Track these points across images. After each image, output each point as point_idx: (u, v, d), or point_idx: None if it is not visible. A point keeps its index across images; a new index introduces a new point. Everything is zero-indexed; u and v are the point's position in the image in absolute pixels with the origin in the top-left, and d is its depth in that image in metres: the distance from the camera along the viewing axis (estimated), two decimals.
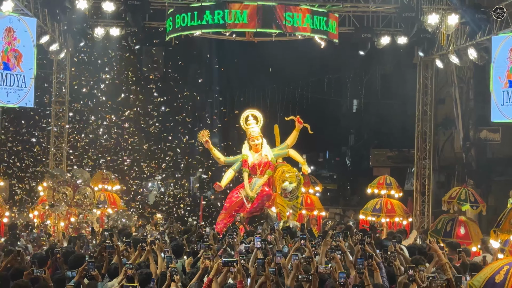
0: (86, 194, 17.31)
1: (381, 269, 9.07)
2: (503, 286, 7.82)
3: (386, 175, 19.52)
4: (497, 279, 7.94)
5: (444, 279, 5.90)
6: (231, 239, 11.89)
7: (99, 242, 12.83)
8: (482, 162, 25.19)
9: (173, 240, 12.79)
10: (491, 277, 8.07)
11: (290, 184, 16.54)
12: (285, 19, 16.59)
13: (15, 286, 8.04)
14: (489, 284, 7.99)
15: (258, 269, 7.44)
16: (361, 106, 32.09)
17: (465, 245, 13.99)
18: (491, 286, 7.95)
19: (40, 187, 19.44)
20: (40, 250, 12.56)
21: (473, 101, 24.96)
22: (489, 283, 8.00)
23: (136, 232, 15.74)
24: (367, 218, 18.72)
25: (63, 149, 20.85)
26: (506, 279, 7.86)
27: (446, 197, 16.94)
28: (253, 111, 17.83)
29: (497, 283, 7.90)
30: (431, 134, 21.50)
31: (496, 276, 8.00)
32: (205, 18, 16.68)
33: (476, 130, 24.98)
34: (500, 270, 8.05)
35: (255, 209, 16.75)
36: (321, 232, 15.39)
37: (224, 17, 16.57)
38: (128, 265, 8.39)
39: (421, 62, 21.26)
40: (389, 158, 32.37)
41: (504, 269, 7.99)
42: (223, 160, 17.89)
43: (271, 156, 17.35)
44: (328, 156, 41.03)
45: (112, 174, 21.64)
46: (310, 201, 20.47)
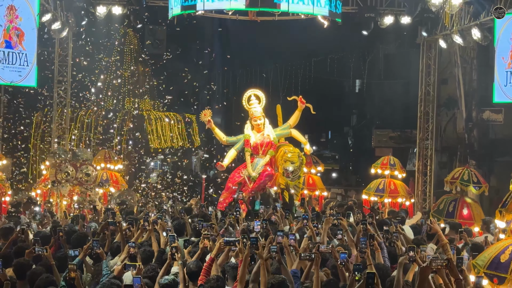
0: (88, 173, 17.35)
1: (382, 249, 9.10)
2: (508, 266, 7.85)
3: (390, 156, 19.47)
4: (502, 259, 7.97)
5: (444, 259, 5.89)
6: (235, 217, 11.94)
7: (101, 221, 12.90)
8: (485, 142, 25.18)
9: (175, 219, 12.84)
10: (496, 256, 8.09)
11: (292, 164, 16.55)
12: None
13: (17, 264, 8.08)
14: (494, 264, 8.01)
15: (251, 247, 7.44)
16: (363, 86, 32.04)
17: (467, 225, 13.99)
18: (496, 266, 7.97)
19: (43, 166, 19.47)
20: (44, 228, 12.60)
21: (476, 82, 24.90)
22: (493, 263, 8.03)
23: (138, 211, 15.80)
24: (370, 198, 18.74)
25: (65, 128, 20.85)
26: (511, 259, 7.89)
27: (448, 177, 16.92)
28: (256, 91, 17.78)
29: (502, 262, 7.93)
30: (434, 114, 21.45)
31: (501, 256, 8.02)
32: None
33: (479, 110, 24.94)
34: (505, 250, 8.07)
35: (257, 189, 16.77)
36: (323, 213, 15.43)
37: None
38: (131, 243, 8.41)
39: (424, 42, 21.16)
40: (391, 138, 32.35)
41: (510, 249, 8.02)
42: (225, 139, 17.86)
43: (273, 136, 17.34)
44: (330, 136, 41.05)
45: (114, 153, 21.66)
46: (312, 181, 20.48)
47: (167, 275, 7.72)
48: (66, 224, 12.75)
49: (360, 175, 33.26)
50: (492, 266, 8.01)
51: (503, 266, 7.90)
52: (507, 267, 7.84)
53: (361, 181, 29.82)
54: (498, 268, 7.91)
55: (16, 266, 7.96)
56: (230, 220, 11.91)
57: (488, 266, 8.05)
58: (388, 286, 7.33)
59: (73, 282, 7.12)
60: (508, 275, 7.78)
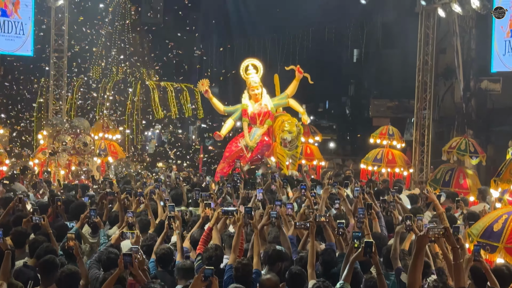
0: (86, 143, 17.33)
1: (379, 218, 9.14)
2: (500, 235, 7.89)
3: (389, 125, 19.49)
4: (495, 228, 8.01)
5: (441, 228, 5.92)
6: (233, 187, 11.98)
7: (99, 190, 12.93)
8: (482, 112, 25.17)
9: (172, 189, 12.86)
10: (489, 225, 8.14)
11: (289, 134, 16.54)
12: None
13: (14, 233, 8.11)
14: (487, 233, 8.06)
15: (245, 217, 7.45)
16: (361, 56, 31.88)
17: (463, 194, 14.06)
18: (489, 235, 8.02)
19: (40, 135, 19.45)
20: (42, 197, 12.63)
21: (475, 51, 24.79)
22: (487, 232, 8.08)
23: (135, 181, 15.83)
24: (368, 168, 18.79)
25: (63, 98, 20.77)
26: (504, 228, 7.92)
27: (446, 147, 16.94)
28: (253, 60, 17.70)
29: (495, 232, 7.97)
30: (432, 84, 21.38)
31: (494, 225, 8.06)
32: None
33: (477, 80, 24.88)
34: (499, 219, 8.11)
35: (255, 159, 16.80)
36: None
37: None
38: (129, 213, 8.44)
39: (423, 11, 21.00)
40: (389, 108, 32.33)
41: (503, 218, 8.05)
42: (223, 109, 17.83)
43: (271, 105, 17.31)
44: (328, 106, 40.98)
45: (112, 123, 21.63)
46: (309, 151, 20.53)
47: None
48: (59, 192, 12.80)
49: (358, 145, 33.31)
50: (485, 235, 8.06)
51: (495, 235, 7.94)
52: (499, 236, 7.87)
53: (359, 150, 29.86)
54: (491, 237, 7.96)
55: (14, 234, 7.99)
56: (227, 189, 11.95)
57: (482, 235, 8.09)
58: (384, 255, 7.38)
59: (71, 251, 7.16)
60: (500, 244, 7.82)
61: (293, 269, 6.39)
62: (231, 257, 7.19)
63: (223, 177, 15.73)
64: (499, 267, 6.86)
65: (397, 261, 7.06)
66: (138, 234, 7.65)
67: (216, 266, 7.27)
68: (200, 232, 8.03)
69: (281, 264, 7.12)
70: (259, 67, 17.45)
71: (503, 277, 6.74)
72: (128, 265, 6.33)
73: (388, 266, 7.28)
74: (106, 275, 6.50)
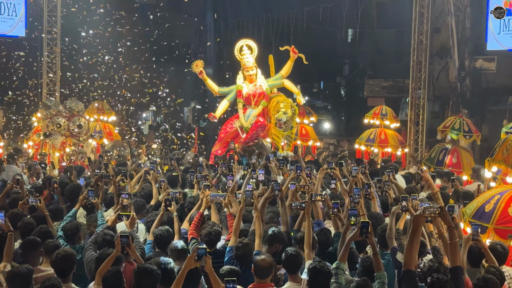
0: (80, 125, 17.29)
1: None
2: (491, 215, 7.91)
3: (383, 105, 19.48)
4: (487, 208, 8.03)
5: (437, 207, 5.94)
6: (225, 167, 11.99)
7: (93, 170, 12.93)
8: (477, 91, 25.20)
9: (168, 170, 12.86)
10: (481, 206, 8.16)
11: (284, 114, 16.52)
12: None
13: (11, 214, 8.11)
14: (479, 213, 8.09)
15: (246, 201, 7.46)
16: (356, 35, 31.76)
17: (456, 174, 14.09)
18: (480, 215, 8.05)
19: (34, 117, 19.38)
20: (36, 180, 12.61)
21: (469, 30, 24.77)
22: (478, 212, 8.10)
23: (131, 161, 15.82)
24: (361, 148, 18.82)
25: (57, 80, 20.66)
26: (495, 209, 7.94)
27: (440, 126, 16.96)
28: (248, 41, 17.62)
29: (486, 212, 8.00)
30: (426, 63, 21.38)
31: (486, 205, 8.09)
32: None
33: (472, 59, 24.88)
34: (491, 199, 8.13)
35: (250, 139, 16.78)
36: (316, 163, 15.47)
37: None
38: (124, 194, 8.44)
39: None
40: (384, 88, 32.31)
41: (495, 199, 8.07)
42: (218, 90, 17.77)
43: (266, 86, 17.27)
44: (323, 87, 40.93)
45: (107, 104, 21.55)
46: (304, 132, 20.54)
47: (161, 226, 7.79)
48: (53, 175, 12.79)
49: (353, 125, 33.31)
50: (476, 215, 8.08)
51: (486, 215, 7.96)
52: (490, 217, 7.89)
53: (354, 130, 29.88)
54: (482, 217, 7.98)
55: (11, 216, 7.99)
56: (222, 169, 11.96)
57: (474, 215, 8.11)
58: (379, 234, 7.41)
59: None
60: (490, 224, 7.84)
61: (289, 251, 6.43)
62: (232, 239, 7.22)
63: (218, 157, 15.74)
64: (494, 246, 6.93)
65: (392, 241, 7.10)
66: (134, 216, 7.67)
67: (214, 243, 7.32)
68: None
69: (279, 246, 7.17)
70: (253, 48, 17.38)
71: (499, 255, 6.81)
72: (125, 246, 6.35)
73: (383, 245, 7.32)
74: (100, 254, 6.51)
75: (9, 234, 6.96)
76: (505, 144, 8.49)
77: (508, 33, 15.96)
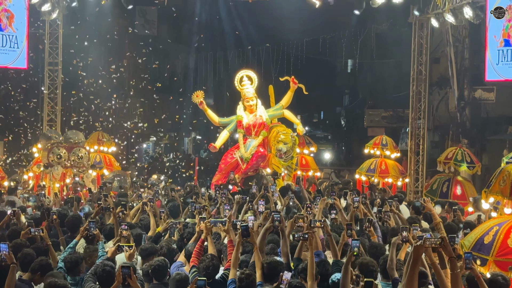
0: (81, 156, 17.30)
1: (376, 229, 9.15)
2: (490, 247, 7.82)
3: (383, 135, 19.49)
4: (486, 240, 7.95)
5: (438, 237, 5.91)
6: (225, 198, 11.95)
7: (93, 201, 12.91)
8: (476, 121, 25.25)
9: (169, 201, 12.84)
10: (480, 237, 8.07)
11: (284, 144, 16.55)
12: None
13: (14, 245, 8.08)
14: (478, 245, 7.99)
15: (242, 233, 7.38)
16: (356, 66, 31.96)
17: (461, 205, 13.99)
18: (479, 247, 7.95)
19: (35, 148, 19.40)
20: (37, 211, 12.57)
21: (468, 60, 24.90)
22: (477, 244, 8.01)
23: (132, 192, 15.79)
24: (361, 178, 18.80)
25: (57, 111, 20.72)
26: (494, 240, 7.85)
27: (442, 157, 16.90)
28: (248, 71, 17.71)
29: (486, 244, 7.91)
30: (426, 93, 21.45)
31: (485, 237, 8.00)
32: None
33: (471, 89, 24.97)
34: (490, 231, 8.04)
35: (250, 170, 16.78)
36: (317, 192, 15.45)
37: None
38: (124, 226, 8.42)
39: (416, 21, 21.08)
40: (384, 118, 32.37)
41: (493, 230, 7.99)
42: (218, 121, 17.82)
43: (266, 116, 17.31)
44: (323, 117, 41.03)
45: (107, 135, 21.58)
46: (305, 162, 20.52)
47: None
48: (60, 204, 12.76)
49: (353, 155, 33.31)
50: (476, 247, 7.97)
51: (486, 247, 7.86)
52: (489, 249, 7.78)
53: (354, 160, 29.87)
54: (481, 249, 7.88)
55: (14, 247, 7.96)
56: (222, 200, 11.93)
57: (473, 247, 8.00)
58: (381, 264, 7.37)
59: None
60: (490, 257, 7.75)
61: (293, 283, 6.38)
62: (232, 272, 7.15)
63: (218, 187, 15.69)
64: (495, 277, 6.86)
65: (393, 272, 7.05)
66: (134, 247, 7.64)
67: (213, 276, 7.27)
68: (195, 245, 8.01)
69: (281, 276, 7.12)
70: (253, 78, 17.46)
71: (500, 286, 6.75)
72: (127, 277, 6.32)
73: (385, 276, 7.27)
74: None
75: (11, 266, 6.93)
76: (502, 175, 8.40)
77: (507, 63, 16.00)
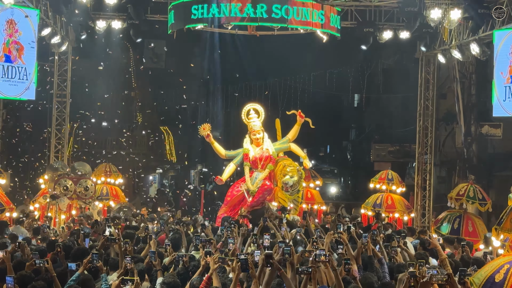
0: (87, 187, 17.31)
1: (382, 265, 9.08)
2: (502, 286, 7.73)
3: (388, 170, 19.47)
4: (497, 278, 7.85)
5: (444, 274, 5.88)
6: (230, 232, 11.90)
7: (99, 233, 12.87)
8: (483, 157, 25.22)
9: (174, 233, 12.79)
10: (490, 276, 7.98)
11: (291, 178, 16.53)
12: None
13: (19, 277, 8.05)
14: (488, 283, 7.89)
15: (241, 267, 7.32)
16: (362, 100, 32.11)
17: (473, 242, 13.80)
18: (490, 285, 7.85)
19: (41, 179, 19.44)
20: (43, 243, 12.54)
21: (475, 96, 24.98)
22: (488, 282, 7.91)
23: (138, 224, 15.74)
24: (368, 213, 18.73)
25: (64, 142, 20.79)
26: (505, 279, 7.76)
27: (453, 194, 16.68)
28: (255, 105, 17.78)
29: (497, 282, 7.81)
30: (433, 129, 21.47)
31: (496, 275, 7.91)
32: (210, 11, 16.56)
33: (478, 125, 25.00)
34: (500, 269, 7.95)
35: (256, 203, 16.74)
36: (320, 226, 15.36)
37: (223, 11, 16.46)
38: (127, 259, 8.38)
39: (423, 57, 21.21)
40: (390, 153, 32.36)
41: (504, 268, 7.90)
42: (224, 153, 17.85)
43: (272, 150, 17.33)
44: (329, 151, 41.04)
45: (114, 167, 21.60)
46: (310, 195, 20.49)
47: None
48: (66, 237, 12.73)
49: (359, 190, 33.22)
50: (486, 286, 7.85)
51: (497, 285, 7.77)
52: (501, 287, 7.74)
53: (360, 195, 29.79)
54: (492, 287, 7.81)
55: (19, 279, 7.92)
56: (228, 233, 11.86)
57: (483, 286, 7.89)
58: None
59: None
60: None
61: None
62: None
63: (225, 219, 15.62)
64: None
65: None
66: (137, 281, 7.59)
67: None
68: (199, 279, 7.95)
69: None
70: (260, 112, 17.53)
71: None
72: None
73: None
74: None
75: None
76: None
77: None
